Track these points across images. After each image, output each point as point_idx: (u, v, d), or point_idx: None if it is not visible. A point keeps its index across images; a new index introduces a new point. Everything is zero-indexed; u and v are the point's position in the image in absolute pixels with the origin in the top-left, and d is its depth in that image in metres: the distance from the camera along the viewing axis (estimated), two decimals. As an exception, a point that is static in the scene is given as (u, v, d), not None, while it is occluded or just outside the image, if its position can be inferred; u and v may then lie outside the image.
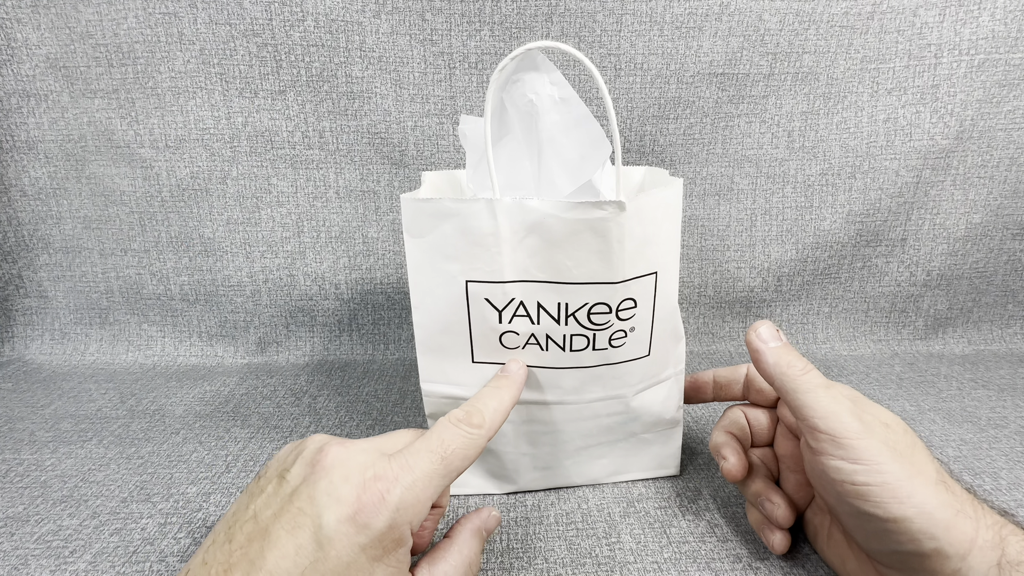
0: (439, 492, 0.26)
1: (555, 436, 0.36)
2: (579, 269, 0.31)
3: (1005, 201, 0.60)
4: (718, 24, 0.55)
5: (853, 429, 0.26)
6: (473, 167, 0.37)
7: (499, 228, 0.31)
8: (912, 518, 0.25)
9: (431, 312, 0.34)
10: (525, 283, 0.32)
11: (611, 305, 0.32)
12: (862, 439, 0.26)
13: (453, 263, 0.32)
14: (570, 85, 0.34)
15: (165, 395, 0.53)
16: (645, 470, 0.39)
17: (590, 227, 0.30)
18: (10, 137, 0.57)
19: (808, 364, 0.29)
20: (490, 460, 0.37)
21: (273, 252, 0.59)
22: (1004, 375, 0.56)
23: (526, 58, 0.32)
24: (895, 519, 0.25)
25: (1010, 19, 0.55)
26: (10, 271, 0.61)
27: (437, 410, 0.36)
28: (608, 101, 0.29)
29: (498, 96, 0.34)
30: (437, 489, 0.25)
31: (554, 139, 0.34)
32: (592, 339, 0.33)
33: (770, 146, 0.59)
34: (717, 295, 0.62)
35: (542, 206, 0.30)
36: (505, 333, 0.33)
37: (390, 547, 0.24)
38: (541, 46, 0.31)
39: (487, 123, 0.31)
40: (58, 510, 0.37)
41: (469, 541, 0.29)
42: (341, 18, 0.53)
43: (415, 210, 0.32)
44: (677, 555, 0.33)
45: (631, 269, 0.32)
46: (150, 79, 0.55)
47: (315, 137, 0.57)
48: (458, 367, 0.35)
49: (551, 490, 0.38)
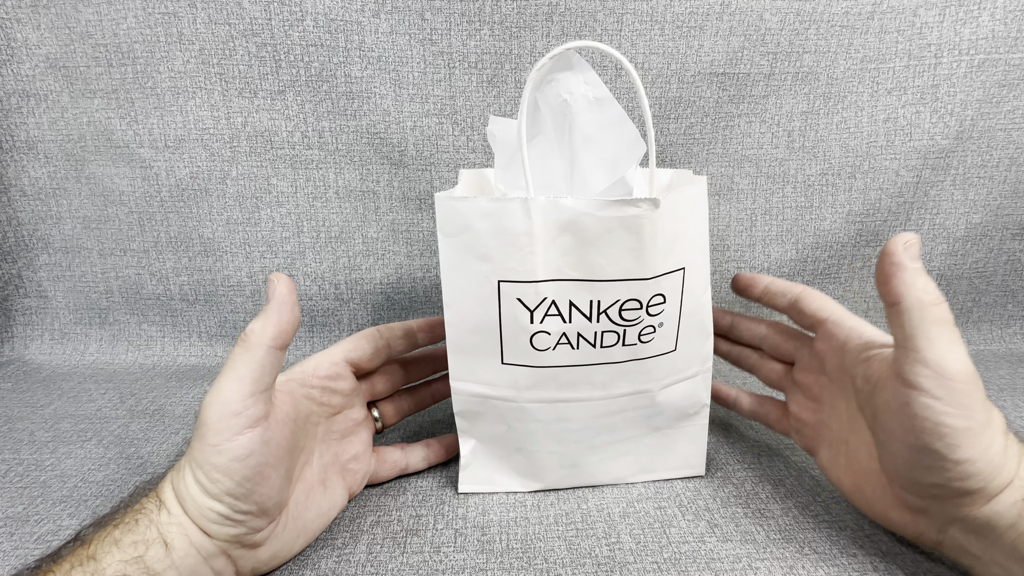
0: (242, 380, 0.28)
1: (581, 433, 0.36)
2: (612, 267, 0.32)
3: (1005, 201, 0.60)
4: (719, 24, 0.55)
5: (965, 373, 0.27)
6: (503, 167, 0.37)
7: (533, 227, 0.31)
8: (976, 460, 0.26)
9: (462, 311, 0.34)
10: (558, 282, 0.32)
11: (642, 301, 0.33)
12: (968, 384, 0.26)
13: (485, 263, 0.32)
14: (604, 86, 0.34)
15: (165, 395, 0.53)
16: (671, 470, 0.39)
17: (624, 224, 0.31)
18: (10, 137, 0.57)
19: (941, 295, 0.28)
20: (517, 458, 0.38)
21: (273, 252, 0.59)
22: (1004, 375, 0.55)
23: (561, 58, 0.32)
24: (961, 460, 0.26)
25: (1010, 19, 0.55)
26: (10, 271, 0.61)
27: (466, 408, 0.36)
28: (644, 100, 0.29)
29: (533, 95, 0.34)
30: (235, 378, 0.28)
31: (589, 139, 0.35)
32: (622, 335, 0.33)
33: (770, 146, 0.59)
34: (717, 295, 0.62)
35: (576, 204, 0.31)
36: (536, 334, 0.33)
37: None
38: (580, 46, 0.31)
39: (522, 122, 0.31)
40: (58, 510, 0.37)
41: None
42: (340, 18, 0.53)
43: (449, 209, 0.32)
44: (677, 555, 0.33)
45: (662, 265, 0.32)
46: (149, 79, 0.55)
47: (314, 137, 0.57)
48: (488, 367, 0.35)
49: (551, 491, 0.38)
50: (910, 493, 0.29)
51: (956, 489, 0.27)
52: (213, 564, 0.28)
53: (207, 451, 0.27)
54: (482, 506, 0.37)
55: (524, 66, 0.55)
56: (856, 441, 0.33)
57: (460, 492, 0.38)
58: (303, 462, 0.33)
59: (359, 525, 0.35)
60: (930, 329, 0.27)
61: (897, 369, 0.28)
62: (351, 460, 0.36)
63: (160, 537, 0.26)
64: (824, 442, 0.36)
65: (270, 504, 0.29)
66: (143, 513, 0.27)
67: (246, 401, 0.28)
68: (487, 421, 0.37)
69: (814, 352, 0.37)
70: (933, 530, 0.29)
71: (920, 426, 0.27)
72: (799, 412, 0.38)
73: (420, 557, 0.33)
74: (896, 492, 0.30)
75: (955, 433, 0.26)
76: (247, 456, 0.27)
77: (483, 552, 0.33)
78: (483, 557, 0.33)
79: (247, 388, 0.28)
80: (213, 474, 0.27)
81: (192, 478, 0.27)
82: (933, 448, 0.26)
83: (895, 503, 0.30)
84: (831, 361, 0.35)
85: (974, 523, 0.27)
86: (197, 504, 0.27)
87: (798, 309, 0.37)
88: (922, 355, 0.27)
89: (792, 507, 0.36)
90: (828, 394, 0.36)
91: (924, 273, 0.28)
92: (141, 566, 0.25)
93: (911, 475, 0.28)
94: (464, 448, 0.38)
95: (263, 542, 0.29)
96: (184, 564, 0.27)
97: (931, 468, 0.27)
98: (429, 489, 0.39)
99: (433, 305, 0.62)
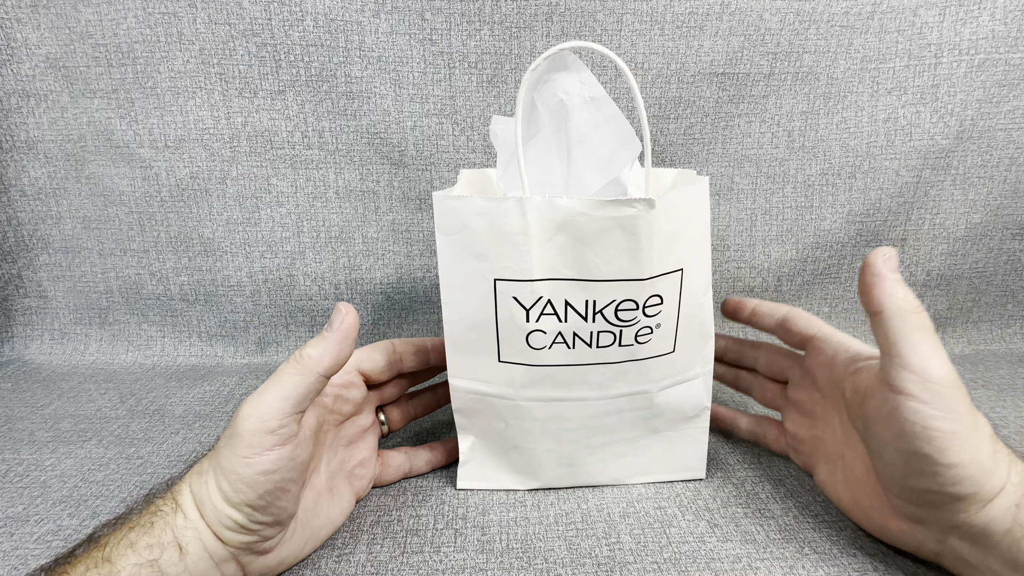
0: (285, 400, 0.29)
1: (579, 432, 0.36)
2: (608, 266, 0.32)
3: (1005, 201, 0.60)
4: (719, 23, 0.55)
5: (948, 377, 0.28)
6: (503, 166, 0.38)
7: (528, 226, 0.31)
8: (967, 464, 0.26)
9: (460, 309, 0.34)
10: (553, 281, 0.32)
11: (638, 302, 0.33)
12: (951, 387, 0.27)
13: (482, 261, 0.32)
14: (600, 85, 0.34)
15: (165, 395, 0.53)
16: (670, 472, 0.39)
17: (619, 224, 0.31)
18: (10, 137, 0.57)
19: (920, 304, 0.30)
20: (514, 456, 0.38)
21: (273, 252, 0.59)
22: (1004, 375, 0.55)
23: (557, 58, 0.32)
24: (951, 464, 0.27)
25: (1010, 19, 0.55)
26: (10, 271, 0.61)
27: (464, 405, 0.37)
28: (639, 100, 0.29)
29: (529, 96, 0.34)
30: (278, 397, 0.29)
31: (584, 138, 0.35)
32: (619, 335, 0.33)
33: (770, 146, 0.59)
34: (717, 295, 0.62)
35: (572, 204, 0.31)
36: (532, 333, 0.33)
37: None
38: (574, 46, 0.31)
39: (518, 122, 0.31)
40: (58, 510, 0.37)
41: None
42: (340, 18, 0.53)
43: (446, 207, 0.32)
44: (677, 555, 0.33)
45: (659, 266, 0.32)
46: (149, 79, 0.55)
47: (314, 137, 0.57)
48: (485, 365, 0.35)
49: (551, 490, 0.38)
50: (905, 501, 0.29)
51: (949, 494, 0.27)
52: (223, 569, 0.28)
53: (236, 461, 0.27)
54: (482, 506, 0.37)
55: (524, 66, 0.55)
56: (851, 455, 0.33)
57: (458, 488, 0.38)
58: (312, 469, 0.33)
59: (359, 525, 0.35)
60: (911, 336, 0.28)
61: (884, 376, 0.29)
62: (358, 466, 0.37)
63: (175, 541, 0.26)
64: (821, 458, 0.36)
65: (284, 516, 0.29)
66: (159, 515, 0.27)
67: (283, 420, 0.28)
68: (485, 418, 0.37)
69: (805, 369, 0.38)
70: (932, 540, 0.29)
71: (910, 430, 0.27)
72: (795, 430, 0.38)
73: (420, 557, 0.33)
74: (893, 502, 0.30)
75: (943, 436, 0.27)
76: (274, 471, 0.27)
77: (483, 552, 0.33)
78: (483, 557, 0.33)
79: (288, 408, 0.28)
80: (238, 484, 0.27)
81: (215, 484, 0.27)
82: (924, 452, 0.27)
83: (892, 513, 0.31)
84: (822, 376, 0.36)
85: (970, 530, 0.27)
86: (216, 510, 0.27)
87: (786, 328, 0.38)
88: (906, 360, 0.28)
89: (792, 507, 0.36)
90: (821, 409, 0.36)
91: (903, 283, 0.30)
92: (155, 570, 0.25)
93: (905, 482, 0.29)
94: (463, 445, 0.38)
95: (272, 549, 0.30)
96: (196, 568, 0.27)
97: (923, 473, 0.27)
98: (429, 489, 0.39)
99: (433, 305, 0.62)
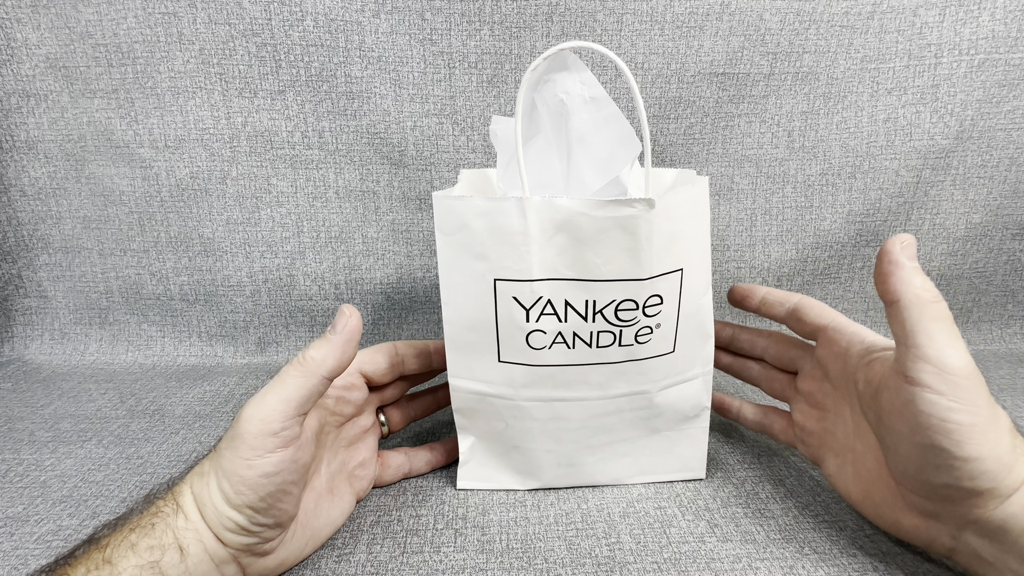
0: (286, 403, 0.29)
1: (579, 432, 0.36)
2: (608, 266, 0.32)
3: (1005, 201, 0.60)
4: (719, 24, 0.55)
5: (967, 368, 0.27)
6: (504, 166, 0.38)
7: (528, 226, 0.31)
8: (985, 458, 0.26)
9: (460, 309, 0.34)
10: (553, 281, 0.32)
11: (638, 302, 0.32)
12: (970, 379, 0.26)
13: (482, 261, 0.32)
14: (600, 85, 0.34)
15: (165, 395, 0.53)
16: (670, 472, 0.39)
17: (619, 224, 0.31)
18: (10, 137, 0.57)
19: (939, 293, 0.28)
20: (514, 456, 0.38)
21: (273, 252, 0.59)
22: (1004, 375, 0.55)
23: (557, 58, 0.32)
24: (969, 458, 0.26)
25: (1010, 19, 0.55)
26: (10, 271, 0.61)
27: (464, 405, 0.37)
28: (639, 100, 0.29)
29: (529, 96, 0.34)
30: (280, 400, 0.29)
31: (584, 138, 0.35)
32: (618, 335, 0.33)
33: (770, 146, 0.59)
34: (717, 295, 0.62)
35: (571, 204, 0.31)
36: (532, 333, 0.33)
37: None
38: (574, 46, 0.31)
39: (518, 122, 0.31)
40: (58, 510, 0.37)
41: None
42: (340, 18, 0.53)
43: (446, 207, 0.32)
44: (677, 555, 0.33)
45: (659, 266, 0.32)
46: (150, 79, 0.55)
47: (314, 137, 0.57)
48: (485, 365, 0.35)
49: (551, 490, 0.38)
50: (920, 496, 0.29)
51: (966, 489, 0.26)
52: (224, 570, 0.28)
53: (237, 463, 0.27)
54: (482, 506, 0.37)
55: (524, 66, 0.55)
56: (862, 447, 0.32)
57: (458, 488, 0.38)
58: (313, 470, 0.33)
59: (359, 525, 0.35)
60: (929, 325, 0.27)
61: (899, 367, 0.28)
62: (358, 467, 0.37)
63: (176, 542, 0.26)
64: (830, 451, 0.35)
65: (286, 518, 0.29)
66: (159, 517, 0.27)
67: (286, 422, 0.28)
68: (485, 418, 0.37)
69: (816, 360, 0.37)
70: (946, 535, 0.29)
71: (926, 423, 0.26)
72: (803, 421, 0.37)
73: (420, 557, 0.33)
74: (906, 497, 0.29)
75: (961, 429, 0.26)
76: (276, 474, 0.27)
77: (483, 552, 0.33)
78: (483, 557, 0.33)
79: (291, 411, 0.28)
80: (239, 486, 0.27)
81: (216, 486, 0.27)
82: (940, 446, 0.26)
83: (906, 508, 0.30)
84: (834, 367, 0.35)
85: (988, 526, 0.26)
86: (217, 512, 0.27)
87: (797, 317, 0.37)
88: (923, 351, 0.27)
89: (792, 507, 0.36)
90: (832, 401, 0.35)
91: (921, 272, 0.29)
92: (156, 571, 0.25)
93: (920, 476, 0.28)
94: (463, 445, 0.38)
95: (273, 550, 0.30)
96: (197, 570, 0.27)
97: (940, 467, 0.27)
98: (429, 489, 0.39)
99: (433, 305, 0.62)
